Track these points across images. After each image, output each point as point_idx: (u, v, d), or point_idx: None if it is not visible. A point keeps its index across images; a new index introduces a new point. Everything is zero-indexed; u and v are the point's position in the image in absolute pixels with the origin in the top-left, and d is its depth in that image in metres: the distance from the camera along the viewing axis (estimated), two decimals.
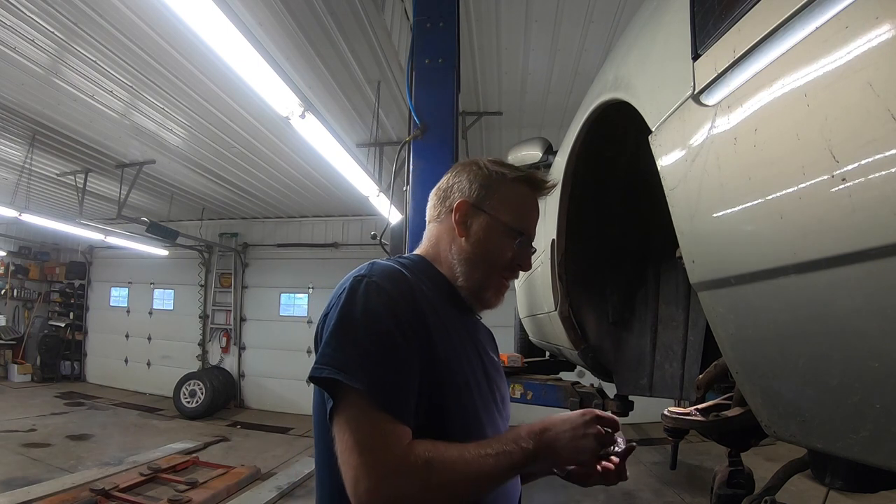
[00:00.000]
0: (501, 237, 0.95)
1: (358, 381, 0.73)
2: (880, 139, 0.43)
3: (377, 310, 0.78)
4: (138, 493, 4.28)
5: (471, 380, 0.87)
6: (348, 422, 0.73)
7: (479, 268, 0.94)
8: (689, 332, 1.38)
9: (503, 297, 0.99)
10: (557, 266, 1.70)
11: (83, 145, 5.64)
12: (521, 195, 0.98)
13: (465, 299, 0.96)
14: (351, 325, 0.77)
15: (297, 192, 7.37)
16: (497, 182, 0.97)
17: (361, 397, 0.73)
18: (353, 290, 0.80)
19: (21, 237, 9.73)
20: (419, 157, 2.49)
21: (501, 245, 0.95)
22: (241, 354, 8.91)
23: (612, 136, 1.47)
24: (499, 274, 0.96)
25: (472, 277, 0.94)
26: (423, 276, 0.92)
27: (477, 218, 0.95)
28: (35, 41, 3.70)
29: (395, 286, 0.82)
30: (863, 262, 0.46)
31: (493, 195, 0.96)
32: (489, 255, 0.94)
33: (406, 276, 0.85)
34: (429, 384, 0.79)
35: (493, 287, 0.96)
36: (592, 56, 4.13)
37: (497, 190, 0.96)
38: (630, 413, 1.94)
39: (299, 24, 3.59)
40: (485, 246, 0.94)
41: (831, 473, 0.90)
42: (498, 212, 0.95)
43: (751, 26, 0.60)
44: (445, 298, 0.93)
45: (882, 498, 1.39)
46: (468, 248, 0.95)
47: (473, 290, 0.95)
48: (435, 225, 1.01)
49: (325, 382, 0.75)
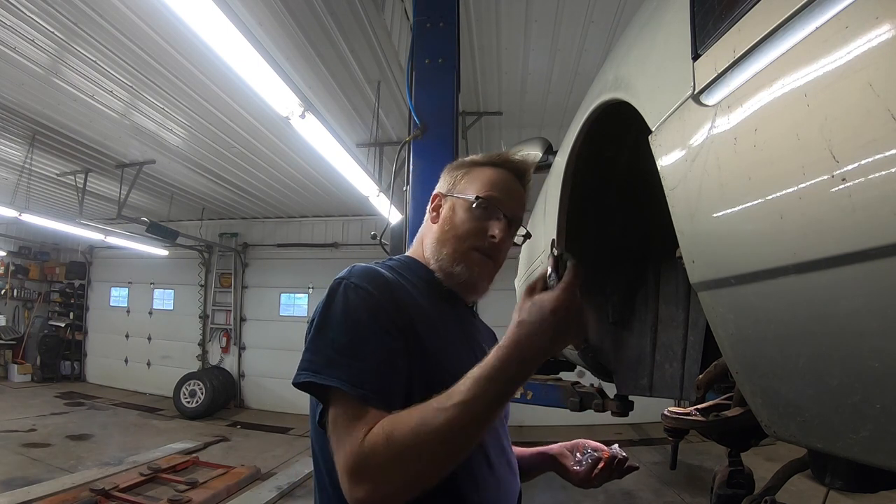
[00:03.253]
0: (462, 210, 0.97)
1: (333, 379, 0.72)
2: (880, 139, 0.43)
3: (353, 305, 0.78)
4: (138, 493, 4.28)
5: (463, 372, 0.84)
6: (332, 422, 0.73)
7: (447, 244, 0.96)
8: (689, 332, 1.38)
9: (483, 277, 0.96)
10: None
11: (83, 145, 5.64)
12: (485, 173, 1.00)
13: (448, 287, 0.96)
14: (326, 325, 0.78)
15: (297, 192, 7.38)
16: (465, 169, 1.02)
17: (341, 394, 0.72)
18: (330, 293, 0.81)
19: (21, 237, 9.74)
20: (419, 157, 2.50)
21: (463, 217, 0.96)
22: (241, 354, 8.92)
23: (612, 136, 1.47)
24: (468, 247, 0.95)
25: (441, 256, 0.96)
26: (409, 274, 0.94)
27: (445, 203, 1.00)
28: (35, 41, 3.70)
29: (372, 283, 0.82)
30: (863, 262, 0.46)
31: (461, 180, 1.01)
32: (453, 229, 0.96)
33: (383, 274, 0.86)
34: (419, 374, 0.78)
35: (464, 262, 0.94)
36: (592, 56, 4.13)
37: (464, 175, 1.01)
38: (630, 413, 1.95)
39: (299, 24, 3.59)
40: (449, 223, 0.97)
41: (831, 473, 0.90)
42: (460, 191, 0.99)
43: (751, 26, 0.60)
44: (433, 293, 0.94)
45: (882, 498, 1.39)
46: (436, 231, 0.99)
47: (445, 270, 0.95)
48: (421, 227, 1.06)
49: (304, 387, 0.75)
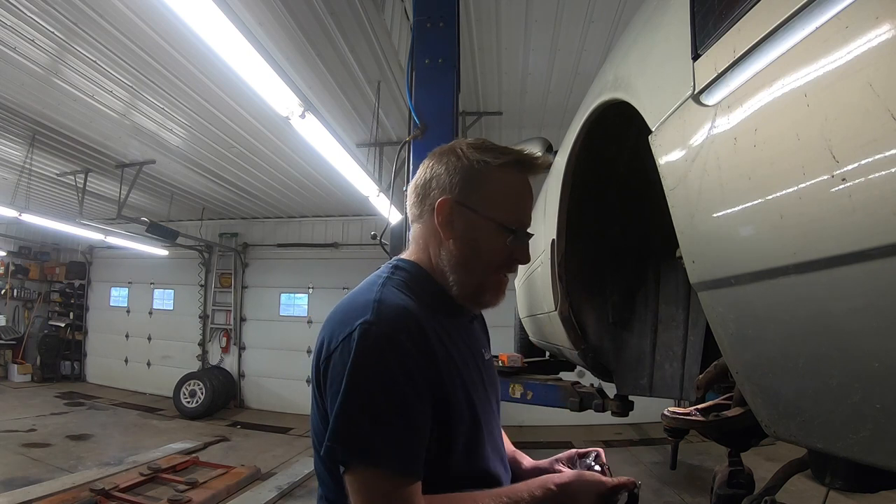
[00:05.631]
0: (492, 235, 0.85)
1: (371, 460, 0.71)
2: (880, 139, 0.43)
3: (390, 370, 0.72)
4: (138, 493, 4.28)
5: (477, 405, 0.84)
6: (360, 491, 0.72)
7: (473, 272, 0.85)
8: (689, 332, 1.38)
9: (504, 294, 0.91)
10: (557, 266, 1.70)
11: (83, 145, 5.64)
12: (509, 183, 0.86)
13: (463, 305, 0.90)
14: (363, 392, 0.72)
15: (297, 192, 7.37)
16: (480, 172, 0.85)
17: (374, 468, 0.72)
18: (363, 343, 0.72)
19: (21, 237, 9.73)
20: (419, 157, 2.49)
21: (493, 243, 0.85)
22: (241, 354, 8.90)
23: (612, 136, 1.47)
24: (495, 274, 0.87)
25: (466, 283, 0.86)
26: (426, 295, 0.85)
27: (462, 217, 0.84)
28: (35, 41, 3.70)
29: (409, 335, 0.75)
30: (863, 262, 0.46)
31: (478, 188, 0.85)
32: (481, 256, 0.85)
33: (414, 314, 0.78)
34: (438, 422, 0.77)
35: (492, 288, 0.88)
36: (592, 56, 4.13)
37: (481, 182, 0.85)
38: (630, 413, 1.95)
39: (299, 24, 3.59)
40: (474, 246, 0.85)
41: (831, 473, 0.90)
42: (485, 207, 0.84)
43: (751, 26, 0.60)
44: (445, 311, 0.86)
45: (882, 498, 1.39)
46: (457, 252, 0.85)
47: (470, 296, 0.88)
48: (419, 227, 0.91)
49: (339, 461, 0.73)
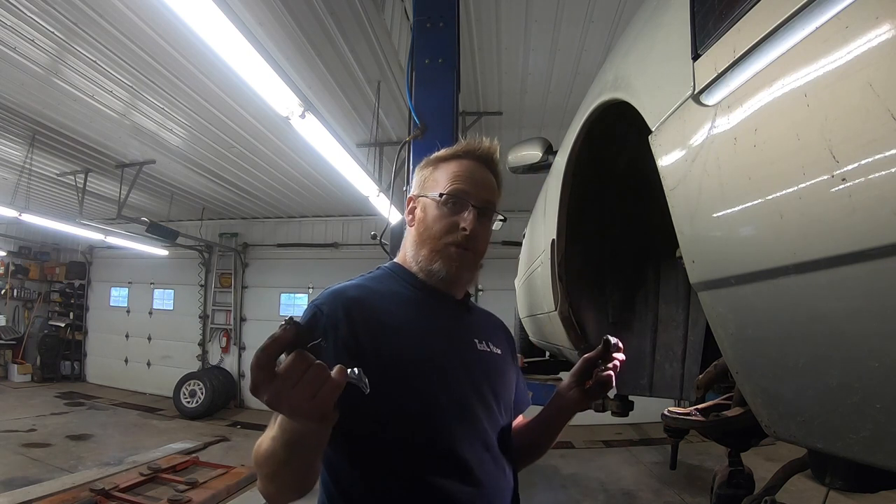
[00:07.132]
0: (432, 208, 0.99)
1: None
2: (880, 139, 0.43)
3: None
4: (138, 493, 4.28)
5: (426, 366, 0.89)
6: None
7: (424, 243, 0.98)
8: (689, 332, 1.38)
9: (456, 263, 0.97)
10: (557, 266, 1.69)
11: (83, 145, 5.64)
12: (450, 168, 1.01)
13: (432, 285, 0.99)
14: None
15: (297, 192, 7.38)
16: (431, 167, 1.04)
17: None
18: (302, 317, 0.86)
19: (21, 237, 9.74)
20: (419, 158, 2.49)
21: (434, 215, 0.98)
22: (241, 354, 8.91)
23: (612, 136, 1.47)
24: (444, 244, 0.97)
25: (421, 257, 0.98)
26: (389, 281, 0.99)
27: (418, 206, 1.02)
28: (35, 41, 3.70)
29: (331, 305, 0.87)
30: (863, 262, 0.46)
31: (429, 179, 1.02)
32: (427, 229, 0.98)
33: (343, 293, 0.90)
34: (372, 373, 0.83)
35: (440, 258, 0.97)
36: (592, 56, 4.13)
37: (431, 174, 1.02)
38: (630, 413, 1.94)
39: (299, 24, 3.59)
40: (424, 223, 0.99)
41: (831, 473, 0.90)
42: (430, 190, 1.00)
43: (751, 26, 0.60)
44: (417, 295, 0.98)
45: (882, 498, 1.39)
46: (413, 233, 1.01)
47: (425, 269, 0.98)
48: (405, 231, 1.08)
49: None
